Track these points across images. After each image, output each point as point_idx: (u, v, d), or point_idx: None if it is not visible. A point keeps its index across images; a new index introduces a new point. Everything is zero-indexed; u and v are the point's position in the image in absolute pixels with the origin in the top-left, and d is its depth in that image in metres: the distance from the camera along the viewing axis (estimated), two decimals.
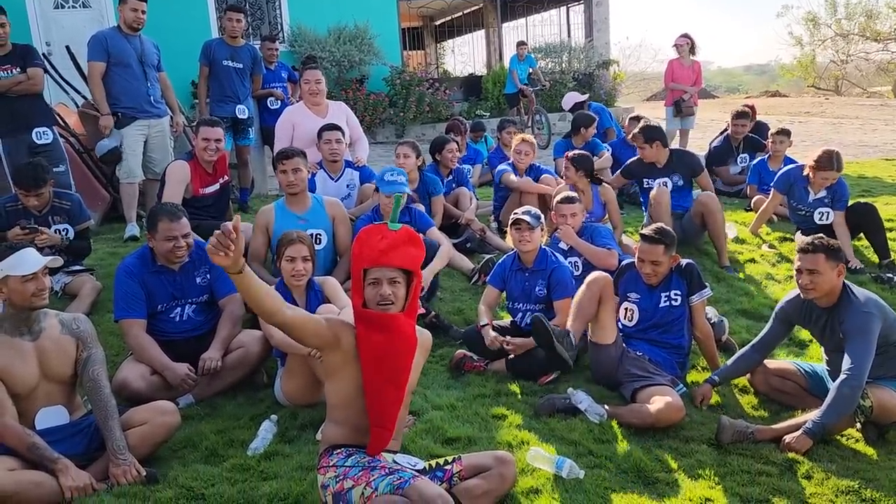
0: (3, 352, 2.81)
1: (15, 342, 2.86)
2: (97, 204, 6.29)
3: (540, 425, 3.32)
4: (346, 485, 2.40)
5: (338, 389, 2.55)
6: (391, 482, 2.35)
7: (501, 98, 13.54)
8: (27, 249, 2.94)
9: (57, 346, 2.95)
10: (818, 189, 5.53)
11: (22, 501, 2.66)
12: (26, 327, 2.89)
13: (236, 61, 6.68)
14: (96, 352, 3.02)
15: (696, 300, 3.74)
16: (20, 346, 2.86)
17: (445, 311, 4.64)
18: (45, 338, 2.92)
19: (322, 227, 4.41)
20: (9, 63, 5.32)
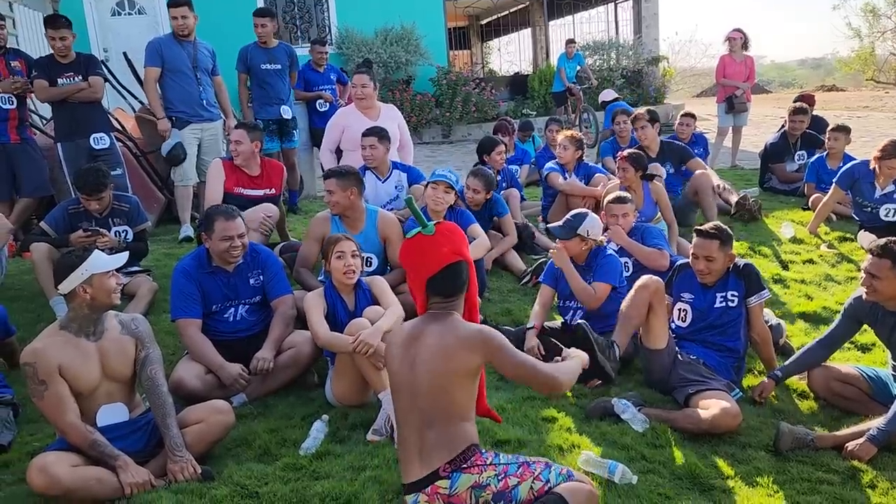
0: (70, 352, 2.89)
1: (80, 343, 2.94)
2: (153, 206, 6.46)
3: (591, 429, 3.28)
4: (510, 482, 2.38)
5: (475, 390, 2.52)
6: (558, 472, 2.45)
7: (548, 97, 13.45)
8: (96, 250, 3.03)
9: (118, 347, 3.02)
10: (885, 183, 5.37)
11: (84, 497, 2.75)
12: (92, 328, 2.97)
13: (274, 63, 6.76)
14: (153, 351, 3.09)
15: (753, 302, 3.64)
16: (84, 346, 2.94)
17: (493, 312, 4.62)
18: (106, 339, 3.00)
19: (373, 251, 4.39)
20: (72, 71, 5.51)
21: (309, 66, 7.82)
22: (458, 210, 4.73)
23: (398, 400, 2.51)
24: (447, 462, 2.37)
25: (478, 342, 2.38)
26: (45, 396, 2.82)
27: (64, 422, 2.84)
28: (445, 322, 2.44)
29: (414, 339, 2.46)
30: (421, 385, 2.41)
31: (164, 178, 6.59)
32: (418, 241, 2.45)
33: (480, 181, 5.08)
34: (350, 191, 4.27)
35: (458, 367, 2.37)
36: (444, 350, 2.38)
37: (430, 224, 2.45)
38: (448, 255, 2.43)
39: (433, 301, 2.47)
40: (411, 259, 2.48)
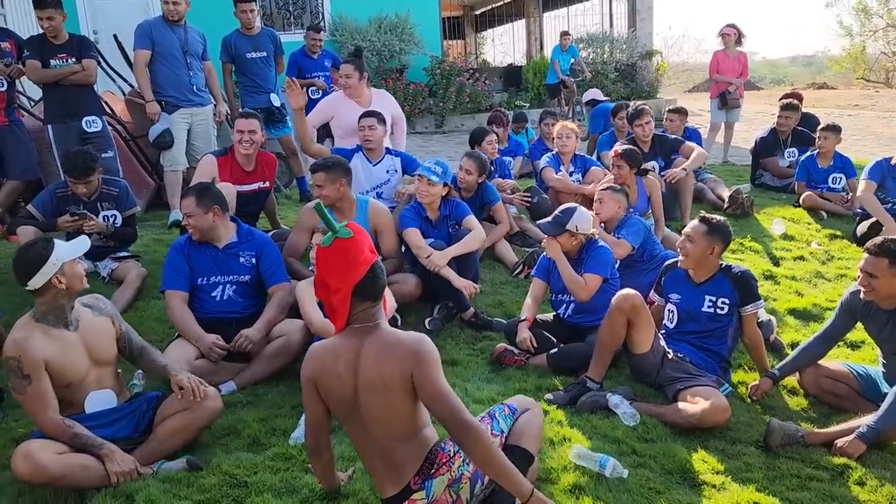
0: (55, 345, 2.85)
1: (62, 334, 2.89)
2: (142, 191, 6.39)
3: (582, 422, 3.27)
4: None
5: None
6: (503, 414, 2.53)
7: (542, 89, 13.43)
8: (56, 240, 2.96)
9: (98, 330, 3.00)
10: None
11: (70, 484, 2.72)
12: (67, 317, 2.92)
13: (259, 51, 6.64)
14: (127, 325, 3.19)
15: (749, 311, 3.57)
16: (67, 337, 2.90)
17: (486, 304, 4.61)
18: (83, 326, 2.97)
19: None
20: (65, 52, 5.42)
21: (303, 52, 7.73)
22: (452, 201, 4.69)
23: (350, 426, 2.37)
24: (415, 474, 2.34)
25: (410, 358, 2.22)
26: (28, 392, 2.78)
27: (44, 417, 2.80)
28: (376, 337, 2.28)
29: (350, 362, 2.28)
30: (369, 411, 2.28)
31: (154, 162, 6.52)
32: (340, 247, 2.26)
33: (474, 162, 5.04)
34: (339, 182, 4.23)
35: (399, 386, 2.23)
36: (384, 373, 2.23)
37: (341, 227, 2.29)
38: (369, 255, 2.30)
39: (359, 309, 2.29)
40: (335, 267, 2.26)
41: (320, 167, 4.25)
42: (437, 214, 4.62)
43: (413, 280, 4.34)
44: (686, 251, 3.59)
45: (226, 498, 2.69)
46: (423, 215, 4.59)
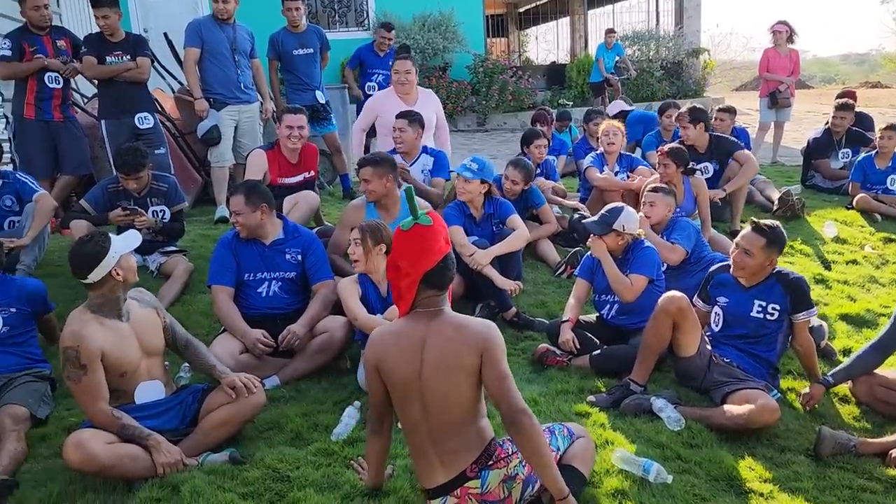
0: (111, 336, 2.92)
1: (116, 325, 2.96)
2: (190, 187, 6.50)
3: (625, 425, 3.22)
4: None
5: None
6: (562, 434, 2.58)
7: (585, 87, 13.30)
8: (126, 232, 3.08)
9: (147, 321, 3.08)
10: None
11: (120, 473, 2.78)
12: (119, 310, 2.99)
13: (305, 48, 6.70)
14: (171, 317, 3.25)
15: (801, 318, 3.45)
16: (121, 329, 2.97)
17: (528, 304, 4.58)
18: (134, 317, 3.04)
19: None
20: (120, 50, 5.56)
21: (370, 47, 7.75)
22: (496, 200, 4.67)
23: (406, 409, 2.38)
24: (473, 462, 2.34)
25: (481, 338, 2.27)
26: (83, 381, 2.84)
27: (95, 408, 2.86)
28: (444, 321, 2.33)
29: (415, 344, 2.32)
30: (433, 394, 2.30)
31: (202, 158, 6.63)
32: (418, 233, 2.31)
33: (520, 173, 5.01)
34: (386, 178, 4.26)
35: (467, 367, 2.26)
36: (452, 354, 2.27)
37: (423, 214, 2.32)
38: (444, 245, 2.33)
39: (425, 296, 2.33)
40: (410, 252, 2.30)
41: (368, 162, 4.28)
42: (481, 213, 4.61)
43: (455, 279, 4.33)
44: (743, 264, 3.46)
45: (268, 491, 2.73)
46: (466, 213, 4.59)
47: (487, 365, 2.26)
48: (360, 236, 3.63)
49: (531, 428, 2.21)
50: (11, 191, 4.65)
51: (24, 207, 4.65)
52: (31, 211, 4.57)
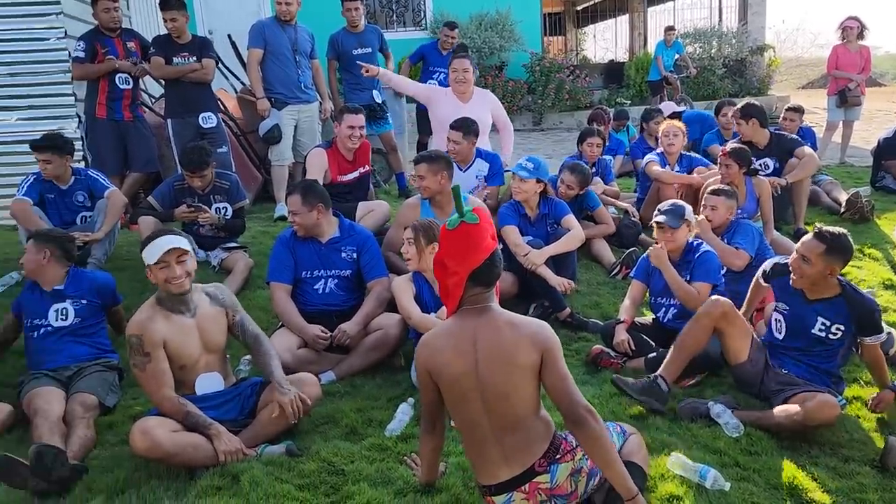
0: (173, 329, 3.03)
1: (180, 319, 3.07)
2: (250, 184, 6.66)
3: (681, 430, 3.17)
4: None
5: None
6: (615, 431, 2.56)
7: (644, 86, 13.09)
8: (160, 238, 3.07)
9: (212, 319, 3.15)
10: None
11: (182, 462, 2.88)
12: (185, 304, 3.09)
13: (364, 47, 6.77)
14: (242, 313, 3.28)
15: (869, 341, 3.28)
16: (184, 322, 3.07)
17: (583, 305, 4.54)
18: (200, 313, 3.12)
19: None
20: (187, 51, 5.76)
21: (434, 46, 7.82)
22: (552, 200, 4.65)
23: (463, 408, 2.34)
24: (541, 457, 2.32)
25: (541, 337, 2.25)
26: (147, 369, 2.96)
27: (161, 394, 2.97)
28: (493, 317, 2.31)
29: (467, 341, 2.29)
30: (492, 389, 2.27)
31: (262, 157, 6.79)
32: (465, 231, 2.28)
33: (576, 178, 4.97)
34: (441, 175, 4.29)
35: (525, 363, 2.24)
36: (508, 348, 2.25)
37: (469, 211, 2.29)
38: (490, 242, 2.31)
39: (473, 293, 2.31)
40: (457, 250, 2.28)
41: (424, 158, 4.32)
42: (536, 212, 4.60)
43: (509, 278, 4.33)
44: (801, 272, 3.26)
45: (324, 484, 2.78)
46: (521, 213, 4.58)
47: (549, 365, 2.25)
48: (413, 235, 3.66)
49: (597, 426, 2.20)
50: (84, 187, 4.86)
51: (95, 203, 4.85)
52: (103, 207, 4.78)
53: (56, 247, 3.72)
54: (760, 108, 5.70)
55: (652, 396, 3.29)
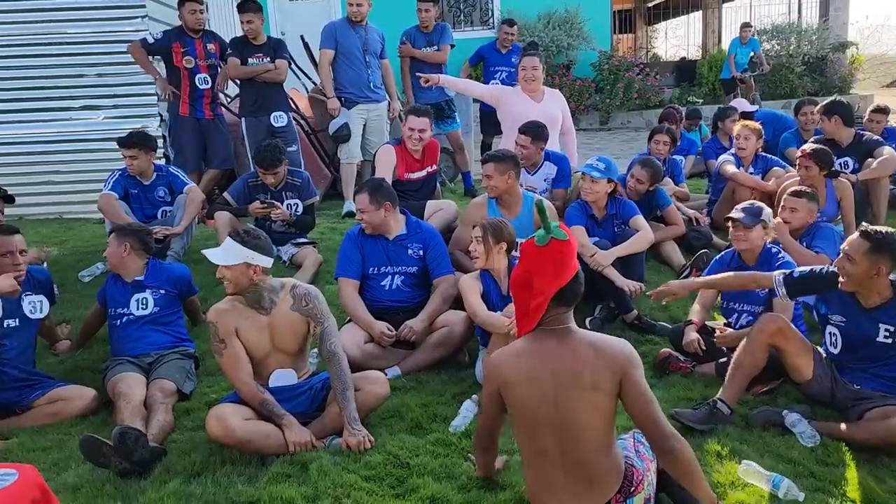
0: (244, 322, 3.13)
1: (253, 315, 3.15)
2: (320, 182, 6.80)
3: (753, 438, 3.09)
4: (651, 476, 2.37)
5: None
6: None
7: (717, 84, 12.75)
8: (224, 244, 3.13)
9: (287, 323, 3.16)
10: None
11: (253, 449, 2.99)
12: (260, 301, 3.16)
13: (432, 46, 6.83)
14: (329, 325, 3.18)
15: None
16: (257, 318, 3.15)
17: (650, 308, 4.47)
18: (276, 313, 3.16)
19: (527, 236, 4.38)
20: (261, 52, 5.96)
21: (493, 45, 7.80)
22: (620, 200, 4.59)
23: (534, 436, 2.22)
24: (617, 493, 2.22)
25: (622, 359, 2.15)
26: (224, 354, 3.09)
27: (238, 379, 3.08)
28: (576, 339, 2.19)
29: (546, 365, 2.17)
30: (570, 420, 2.15)
31: (331, 155, 6.93)
32: (556, 248, 2.18)
33: (647, 172, 4.89)
34: (508, 175, 4.29)
35: (606, 389, 2.14)
36: (590, 375, 2.13)
37: (556, 227, 2.20)
38: (576, 261, 2.25)
39: (553, 314, 2.21)
40: (546, 268, 2.17)
41: (491, 158, 4.33)
42: (604, 213, 4.55)
43: None
44: (845, 272, 3.08)
45: (389, 476, 2.83)
46: (588, 213, 4.54)
47: (630, 388, 2.14)
48: (482, 234, 3.67)
49: (687, 453, 2.13)
50: (165, 183, 5.08)
51: (175, 198, 5.06)
52: (182, 202, 4.99)
53: (135, 240, 3.90)
54: (845, 105, 5.50)
55: (716, 423, 3.15)
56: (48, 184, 6.64)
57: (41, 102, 6.55)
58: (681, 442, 2.14)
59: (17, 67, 6.50)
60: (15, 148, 6.59)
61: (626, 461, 2.29)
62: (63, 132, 6.62)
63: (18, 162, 6.55)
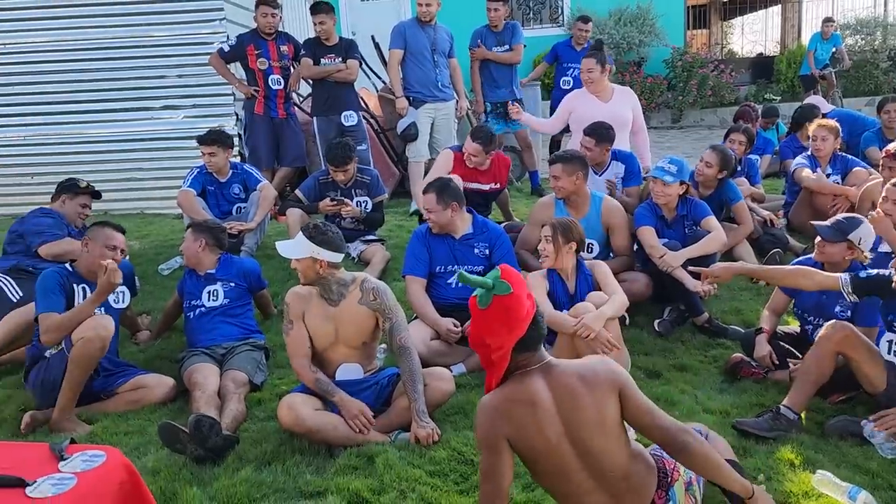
0: (312, 311, 3.23)
1: (322, 304, 3.24)
2: (388, 180, 6.91)
3: (829, 447, 2.99)
4: None
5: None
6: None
7: (796, 80, 12.30)
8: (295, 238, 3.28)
9: (353, 317, 3.23)
10: None
11: (321, 439, 3.07)
12: (329, 293, 3.24)
13: (502, 45, 6.82)
14: (398, 319, 3.23)
15: None
16: (325, 309, 3.23)
17: (721, 310, 4.37)
18: (344, 305, 3.23)
19: (594, 237, 4.33)
20: (333, 53, 6.09)
21: (568, 42, 7.77)
22: (691, 200, 4.49)
23: (561, 479, 2.13)
24: (657, 489, 2.20)
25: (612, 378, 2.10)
26: (290, 334, 3.23)
27: (296, 360, 3.22)
28: (560, 374, 2.11)
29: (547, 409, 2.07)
30: (591, 452, 2.08)
31: (400, 153, 7.01)
32: (501, 305, 2.07)
33: (716, 155, 4.74)
34: (576, 176, 4.26)
35: (613, 412, 2.10)
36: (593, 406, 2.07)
37: (501, 282, 2.09)
38: (530, 307, 2.11)
39: (522, 359, 2.11)
40: (495, 327, 2.08)
41: (559, 159, 4.31)
42: (674, 213, 4.46)
43: (643, 279, 4.24)
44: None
45: (453, 472, 2.86)
46: (658, 214, 4.46)
47: (629, 403, 2.12)
48: (552, 233, 3.66)
49: (699, 444, 2.11)
50: (239, 180, 5.26)
51: (249, 195, 5.23)
52: (256, 199, 5.15)
53: (210, 236, 4.07)
54: None
55: (782, 429, 3.05)
56: (131, 180, 6.95)
57: (126, 103, 6.86)
58: (691, 435, 2.11)
59: (104, 70, 6.82)
60: (101, 146, 6.92)
61: (653, 452, 2.28)
62: (145, 131, 6.91)
63: (104, 159, 6.87)
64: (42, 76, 6.84)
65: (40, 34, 6.80)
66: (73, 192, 4.60)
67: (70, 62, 6.82)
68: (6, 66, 6.82)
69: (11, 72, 6.83)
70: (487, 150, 4.98)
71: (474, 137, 5.00)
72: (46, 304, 3.48)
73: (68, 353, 3.38)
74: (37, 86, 6.85)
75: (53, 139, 6.93)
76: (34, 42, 6.80)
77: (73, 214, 4.56)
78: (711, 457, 2.13)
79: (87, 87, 6.84)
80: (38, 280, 3.58)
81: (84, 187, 4.63)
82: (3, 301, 4.10)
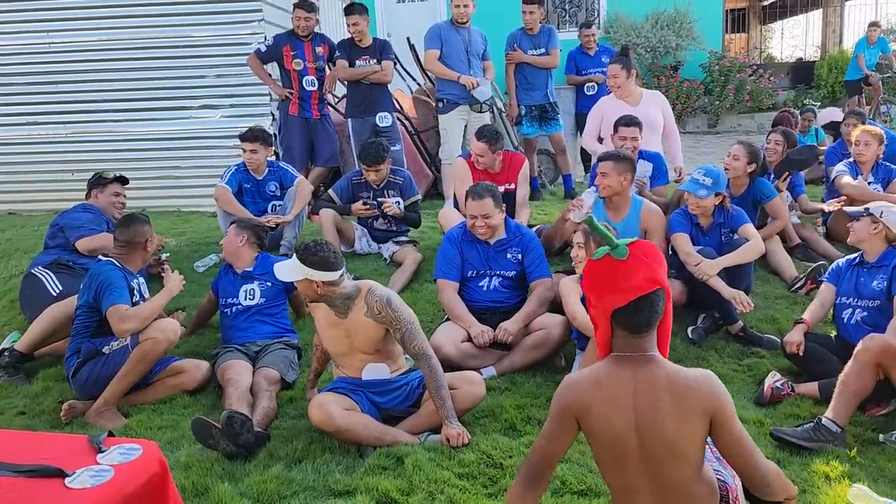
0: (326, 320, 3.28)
1: (336, 318, 3.26)
2: (421, 181, 6.92)
3: (866, 461, 2.93)
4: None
5: None
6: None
7: (837, 86, 12.07)
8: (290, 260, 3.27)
9: (360, 328, 3.22)
10: None
11: (351, 438, 3.09)
12: (338, 307, 3.25)
13: (537, 48, 6.79)
14: (407, 329, 3.16)
15: None
16: (337, 322, 3.26)
17: (757, 319, 4.29)
18: (351, 318, 3.23)
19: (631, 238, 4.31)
20: (367, 54, 6.12)
21: (580, 49, 7.75)
22: (726, 210, 4.41)
23: (618, 471, 2.05)
24: None
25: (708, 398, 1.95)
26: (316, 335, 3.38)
27: None
28: (657, 370, 1.99)
29: (626, 395, 1.98)
30: (654, 451, 1.97)
31: (433, 155, 7.03)
32: (608, 266, 2.00)
33: (744, 148, 4.72)
34: (624, 175, 4.24)
35: (695, 427, 1.95)
36: (672, 410, 1.94)
37: (621, 245, 2.00)
38: (642, 284, 1.97)
39: (621, 336, 2.02)
40: (597, 285, 2.03)
41: (610, 156, 4.29)
42: (710, 221, 4.40)
43: (677, 286, 4.19)
44: None
45: (482, 475, 2.86)
46: (694, 221, 4.40)
47: (721, 427, 1.97)
48: (584, 239, 3.64)
49: (784, 481, 2.04)
50: (276, 178, 5.33)
51: (285, 193, 5.30)
52: (293, 193, 5.24)
53: (252, 234, 4.16)
54: None
55: (822, 441, 3.00)
56: (168, 178, 7.07)
57: (165, 102, 6.97)
58: (780, 474, 2.04)
59: (145, 69, 6.94)
60: (139, 144, 7.04)
61: (718, 476, 2.13)
62: (183, 130, 7.02)
63: (142, 157, 6.99)
64: (84, 75, 6.98)
65: (83, 34, 6.94)
66: (102, 184, 4.72)
67: (111, 61, 6.95)
68: (50, 64, 6.98)
69: (55, 70, 6.98)
70: (494, 149, 4.88)
71: (479, 136, 4.88)
72: (119, 296, 3.55)
73: (131, 349, 3.46)
74: (79, 84, 6.99)
75: (94, 136, 7.06)
76: (77, 42, 6.95)
77: (107, 205, 4.68)
78: (789, 490, 2.04)
79: (128, 85, 6.96)
80: (98, 274, 3.61)
81: (110, 178, 4.73)
82: (44, 295, 4.21)
